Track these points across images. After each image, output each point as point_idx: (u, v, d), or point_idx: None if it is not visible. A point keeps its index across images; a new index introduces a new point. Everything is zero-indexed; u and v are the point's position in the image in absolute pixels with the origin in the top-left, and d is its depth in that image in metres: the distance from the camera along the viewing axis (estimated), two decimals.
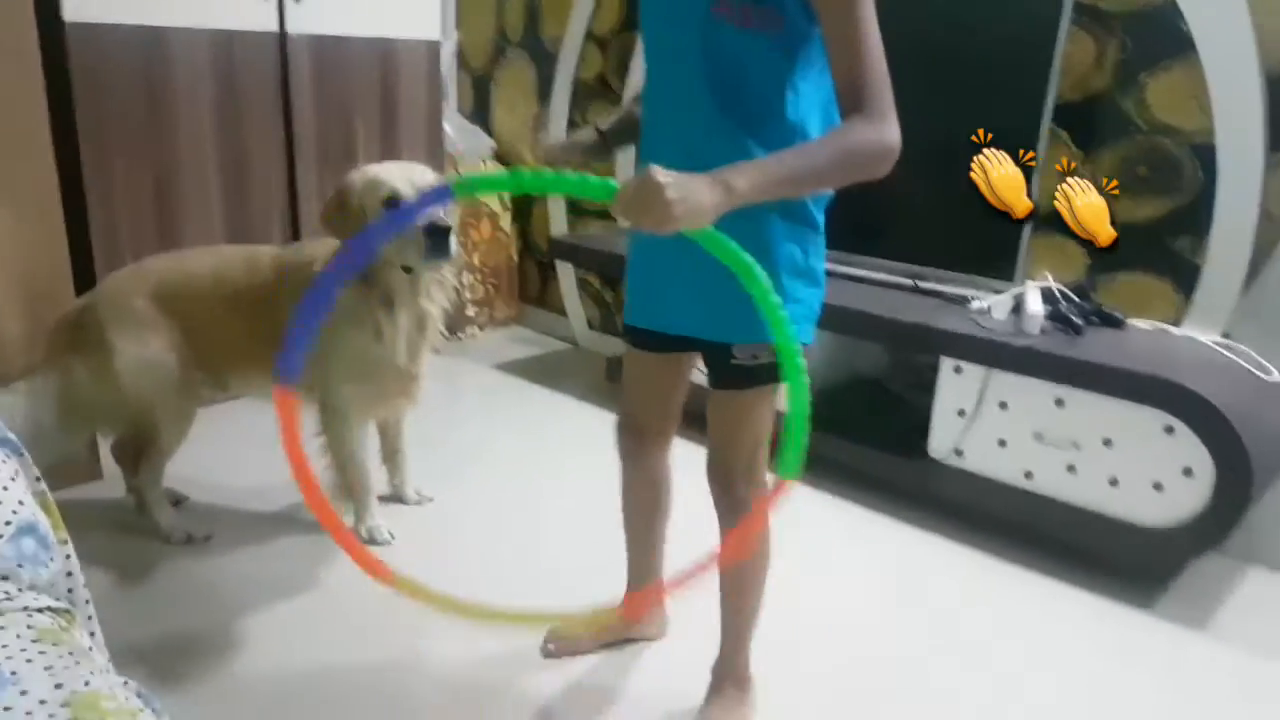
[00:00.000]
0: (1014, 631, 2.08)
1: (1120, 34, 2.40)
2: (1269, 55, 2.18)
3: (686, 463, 1.72)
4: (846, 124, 1.22)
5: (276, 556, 2.26)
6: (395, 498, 2.51)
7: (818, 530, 2.48)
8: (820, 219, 1.43)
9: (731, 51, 1.30)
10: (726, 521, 1.57)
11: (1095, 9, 2.42)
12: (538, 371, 3.67)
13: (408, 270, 2.06)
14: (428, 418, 2.39)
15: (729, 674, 1.73)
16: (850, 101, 1.22)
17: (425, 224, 1.93)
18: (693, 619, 1.79)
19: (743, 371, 1.45)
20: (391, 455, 2.49)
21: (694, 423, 1.63)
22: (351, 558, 1.34)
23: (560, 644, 1.90)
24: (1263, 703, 1.89)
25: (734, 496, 1.55)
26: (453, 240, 1.99)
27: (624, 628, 1.95)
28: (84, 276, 2.52)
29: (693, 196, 1.12)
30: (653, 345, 1.59)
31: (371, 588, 2.10)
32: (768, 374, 1.43)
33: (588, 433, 3.03)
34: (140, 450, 2.27)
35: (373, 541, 2.29)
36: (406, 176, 2.03)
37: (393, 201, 1.98)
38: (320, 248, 2.19)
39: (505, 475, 2.74)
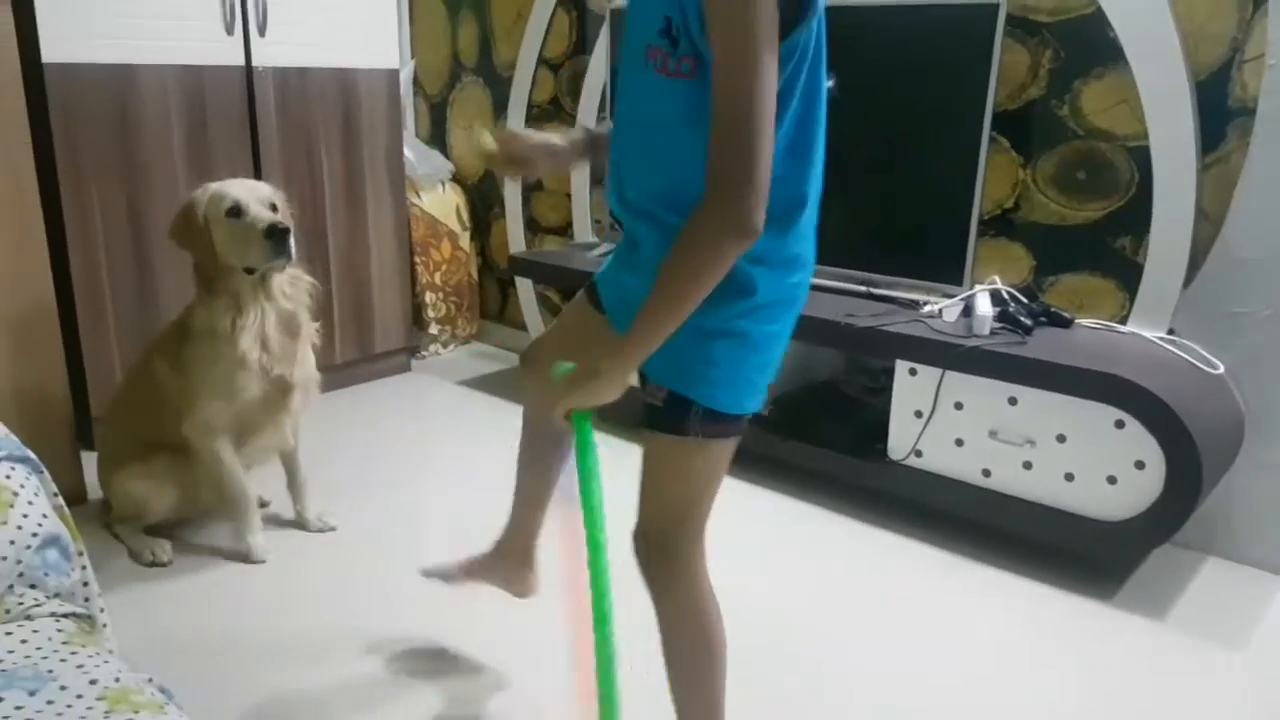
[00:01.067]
0: (977, 626, 2.12)
1: (1053, 43, 2.47)
2: (1195, 60, 2.26)
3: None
4: (693, 213, 1.11)
5: (278, 569, 2.29)
6: (298, 524, 2.52)
7: (780, 533, 2.53)
8: (751, 278, 1.23)
9: (655, 96, 1.22)
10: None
11: (1027, 20, 2.49)
12: (501, 386, 3.71)
13: (250, 272, 2.20)
14: (393, 434, 2.40)
15: None
16: (710, 158, 1.10)
17: (264, 226, 2.14)
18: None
19: (649, 410, 1.30)
20: (292, 481, 2.52)
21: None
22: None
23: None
24: (1220, 689, 1.93)
25: (641, 559, 1.37)
26: (291, 240, 2.17)
27: (493, 574, 1.89)
28: (64, 303, 2.65)
29: (602, 392, 1.21)
30: (596, 305, 1.50)
31: (375, 590, 2.15)
32: (668, 422, 1.28)
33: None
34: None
35: (248, 559, 2.33)
36: (249, 190, 2.22)
37: (235, 210, 2.18)
38: (191, 306, 2.30)
39: (472, 492, 2.76)
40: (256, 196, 2.22)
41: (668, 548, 1.35)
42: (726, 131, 1.08)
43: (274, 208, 2.24)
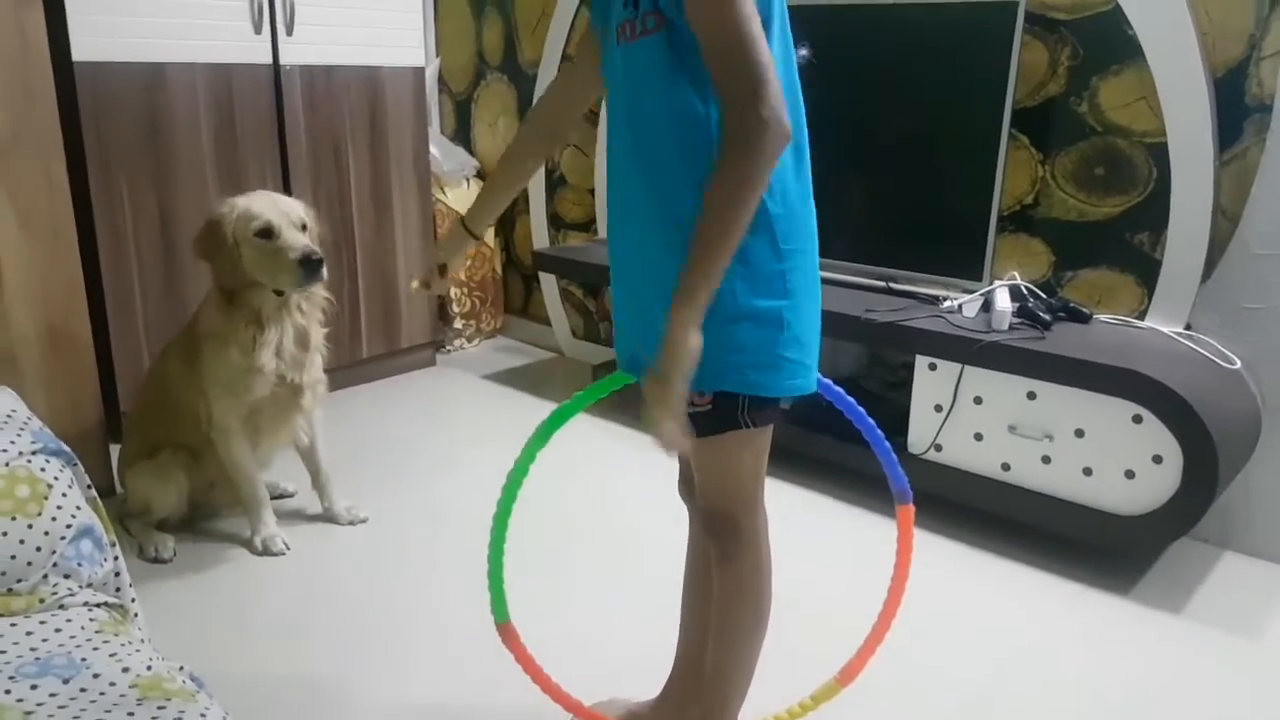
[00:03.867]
0: (996, 619, 2.15)
1: (1072, 40, 2.49)
2: (1213, 57, 2.28)
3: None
4: (722, 144, 1.13)
5: (304, 561, 2.33)
6: (327, 518, 2.55)
7: (800, 525, 2.56)
8: (761, 255, 1.24)
9: (630, 67, 1.25)
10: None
11: (1046, 18, 2.51)
12: (524, 381, 3.76)
13: (279, 293, 2.22)
14: (418, 428, 2.44)
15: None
16: (721, 95, 1.13)
17: (300, 255, 2.13)
18: None
19: (698, 418, 1.30)
20: (315, 478, 2.54)
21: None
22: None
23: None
24: (1238, 681, 1.94)
25: (712, 533, 1.46)
26: (324, 269, 2.18)
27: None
28: (94, 299, 2.70)
29: (681, 355, 1.15)
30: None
31: (401, 580, 2.19)
32: (720, 424, 1.31)
33: (574, 440, 3.08)
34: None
35: (267, 552, 2.36)
36: (279, 210, 2.20)
37: (265, 233, 2.16)
38: (205, 309, 2.32)
39: (496, 484, 2.80)
40: (288, 217, 2.21)
41: (737, 524, 1.42)
42: (726, 58, 1.11)
43: (304, 227, 2.24)
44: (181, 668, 1.19)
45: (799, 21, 1.30)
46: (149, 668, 1.14)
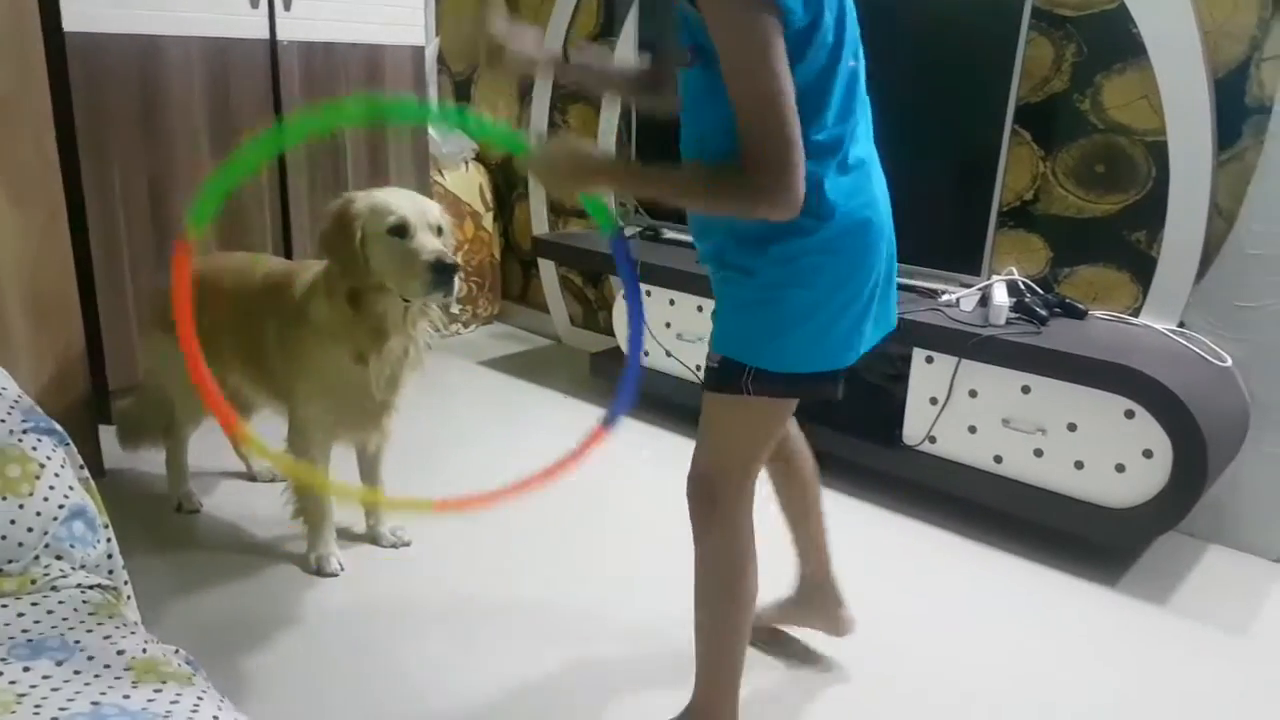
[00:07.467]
0: (985, 609, 2.16)
1: (1076, 38, 2.49)
2: (1215, 58, 2.28)
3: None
4: (739, 164, 1.22)
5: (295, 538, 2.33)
6: (370, 539, 2.39)
7: None
8: (790, 248, 1.33)
9: (688, 88, 1.38)
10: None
11: (1053, 14, 2.51)
12: (522, 367, 3.75)
13: (406, 301, 2.01)
14: (413, 413, 2.43)
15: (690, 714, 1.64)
16: (741, 144, 1.21)
17: (432, 259, 1.90)
18: None
19: (708, 372, 1.45)
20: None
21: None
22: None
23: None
24: (1221, 673, 1.97)
25: (689, 501, 1.51)
26: (458, 278, 1.95)
27: (794, 615, 1.94)
28: (84, 277, 2.61)
29: (582, 160, 1.36)
30: None
31: (392, 569, 2.19)
32: (722, 382, 1.41)
33: (572, 427, 3.08)
34: (165, 427, 2.47)
35: (320, 572, 2.22)
36: (416, 208, 1.98)
37: (399, 230, 1.93)
38: (307, 271, 2.14)
39: (490, 470, 2.80)
40: (424, 217, 1.97)
41: (714, 494, 1.48)
42: (750, 123, 1.19)
43: (440, 231, 2.01)
44: (177, 650, 1.18)
45: None
46: (144, 650, 1.14)
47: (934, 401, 2.51)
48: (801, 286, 1.35)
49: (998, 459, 2.42)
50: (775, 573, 1.70)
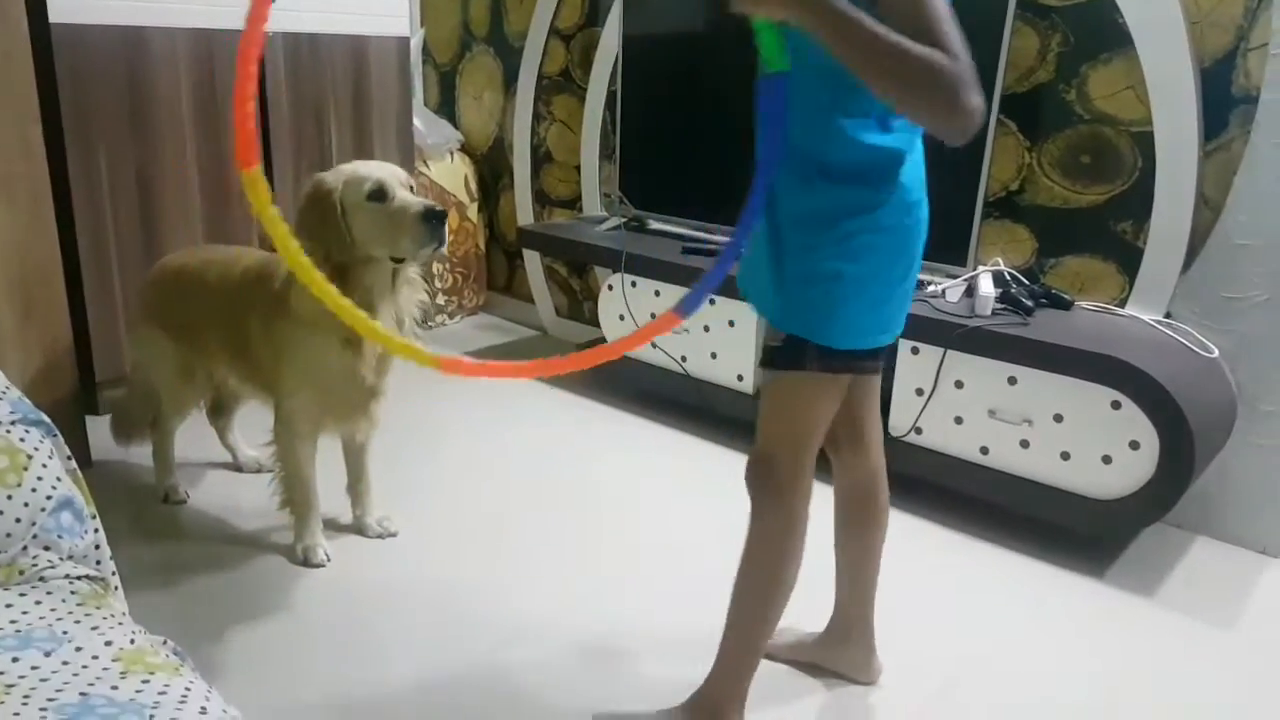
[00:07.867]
0: (971, 600, 2.17)
1: (1062, 27, 2.49)
2: (1201, 48, 2.29)
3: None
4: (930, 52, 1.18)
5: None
6: (356, 529, 2.38)
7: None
8: (849, 227, 1.38)
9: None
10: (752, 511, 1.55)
11: (1038, 4, 2.51)
12: (507, 358, 3.70)
13: (398, 261, 1.99)
14: (396, 405, 2.42)
15: (698, 701, 1.64)
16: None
17: (422, 210, 1.90)
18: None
19: (767, 351, 1.48)
20: (355, 484, 2.38)
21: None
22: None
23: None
24: (1208, 665, 1.98)
25: (748, 481, 1.54)
26: (447, 226, 1.95)
27: (823, 655, 1.89)
28: (70, 268, 2.62)
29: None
30: None
31: (377, 555, 2.19)
32: (788, 360, 1.45)
33: (557, 418, 3.10)
34: (152, 419, 2.46)
35: (307, 563, 2.21)
36: (385, 169, 1.99)
37: (378, 194, 1.93)
38: (295, 293, 2.01)
39: (475, 461, 2.81)
40: (397, 177, 1.99)
41: (775, 471, 1.52)
42: (940, 43, 1.18)
43: (411, 189, 2.02)
44: (165, 641, 1.18)
45: None
46: (132, 641, 1.13)
47: (920, 393, 2.51)
48: (859, 262, 1.39)
49: (984, 450, 2.43)
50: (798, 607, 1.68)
